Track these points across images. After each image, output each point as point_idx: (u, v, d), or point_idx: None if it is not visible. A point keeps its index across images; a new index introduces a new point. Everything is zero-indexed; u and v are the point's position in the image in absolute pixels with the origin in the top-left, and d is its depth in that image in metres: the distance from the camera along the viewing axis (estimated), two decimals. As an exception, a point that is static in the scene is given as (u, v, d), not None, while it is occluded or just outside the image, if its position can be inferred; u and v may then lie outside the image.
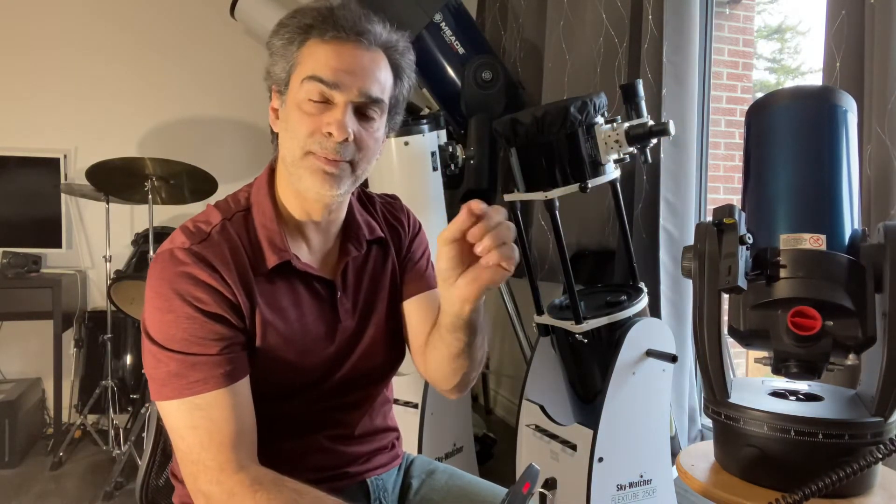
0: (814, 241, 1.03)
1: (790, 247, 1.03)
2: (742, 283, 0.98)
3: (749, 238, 1.01)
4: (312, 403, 1.01)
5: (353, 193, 1.04)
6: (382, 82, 0.95)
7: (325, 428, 1.03)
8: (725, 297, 1.07)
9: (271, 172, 1.01)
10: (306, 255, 1.00)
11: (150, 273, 0.91)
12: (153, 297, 0.90)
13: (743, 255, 0.99)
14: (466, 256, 0.83)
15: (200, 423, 0.87)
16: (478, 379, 3.46)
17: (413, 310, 1.10)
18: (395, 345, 1.10)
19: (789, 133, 1.14)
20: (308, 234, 1.01)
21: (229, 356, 0.89)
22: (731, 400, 1.07)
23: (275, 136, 0.99)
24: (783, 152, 1.13)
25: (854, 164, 1.11)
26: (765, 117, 1.18)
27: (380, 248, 1.09)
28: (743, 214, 1.04)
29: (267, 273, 0.95)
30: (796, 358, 1.00)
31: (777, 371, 1.04)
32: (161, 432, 1.10)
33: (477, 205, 0.79)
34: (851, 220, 1.07)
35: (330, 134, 0.91)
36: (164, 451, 1.11)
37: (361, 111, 0.94)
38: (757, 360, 1.09)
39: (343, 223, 1.05)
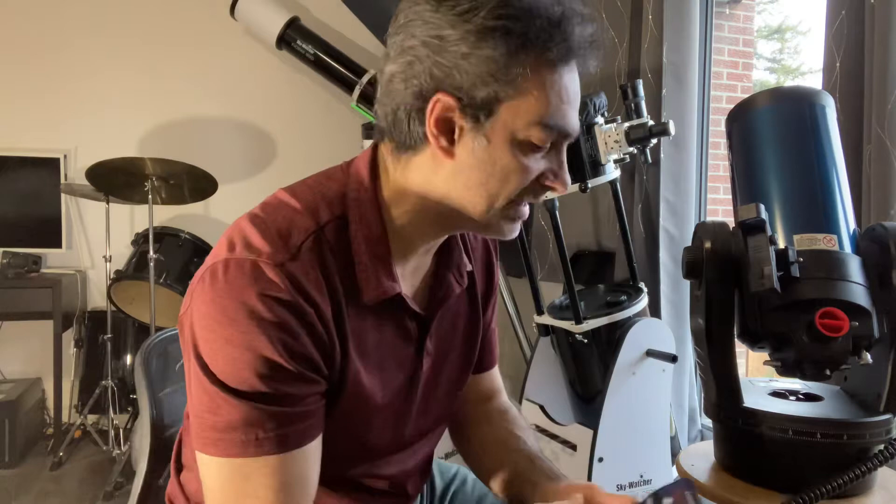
0: (827, 242, 1.02)
1: (805, 247, 1.02)
2: (777, 284, 0.96)
3: (777, 238, 0.99)
4: (357, 466, 0.83)
5: None
6: None
7: (358, 489, 0.85)
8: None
9: (372, 169, 0.76)
10: (401, 284, 0.78)
11: (218, 286, 0.67)
12: (223, 323, 0.66)
13: (773, 255, 0.98)
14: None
15: (259, 493, 0.68)
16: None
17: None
18: (455, 399, 0.94)
19: (775, 136, 1.13)
20: (409, 259, 0.80)
21: (312, 409, 0.71)
22: (745, 405, 1.05)
23: (411, 143, 0.72)
24: (773, 156, 1.12)
25: (841, 161, 1.10)
26: (747, 122, 1.16)
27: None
28: (767, 214, 1.03)
29: (361, 306, 0.74)
30: (815, 359, 0.98)
31: (790, 373, 1.03)
32: (160, 450, 0.96)
33: None
34: (847, 219, 1.07)
35: (551, 188, 0.74)
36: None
37: None
38: (766, 362, 1.07)
39: (440, 247, 0.84)
